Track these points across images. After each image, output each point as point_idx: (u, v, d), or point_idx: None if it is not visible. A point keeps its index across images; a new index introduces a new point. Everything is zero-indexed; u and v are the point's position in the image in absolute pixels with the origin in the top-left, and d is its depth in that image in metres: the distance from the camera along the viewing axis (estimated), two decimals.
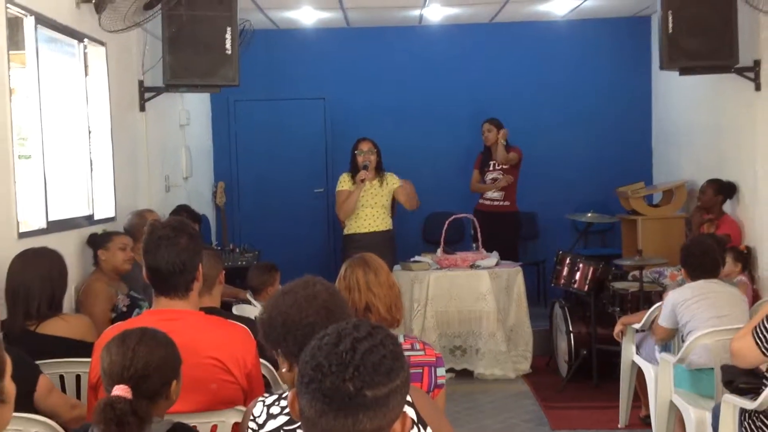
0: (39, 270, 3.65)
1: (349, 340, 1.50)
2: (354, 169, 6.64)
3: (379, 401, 1.46)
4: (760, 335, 3.24)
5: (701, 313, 4.27)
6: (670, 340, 4.68)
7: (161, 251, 2.74)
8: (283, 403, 2.11)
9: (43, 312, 3.62)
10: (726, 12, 5.92)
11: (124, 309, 4.49)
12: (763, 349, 3.22)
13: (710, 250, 4.50)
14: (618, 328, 5.16)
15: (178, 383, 2.37)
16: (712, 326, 4.18)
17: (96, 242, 4.76)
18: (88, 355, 2.95)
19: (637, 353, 5.03)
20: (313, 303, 2.16)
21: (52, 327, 3.61)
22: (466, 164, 8.29)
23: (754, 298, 5.66)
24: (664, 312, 4.47)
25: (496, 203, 7.71)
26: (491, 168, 7.77)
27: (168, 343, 2.37)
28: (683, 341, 4.35)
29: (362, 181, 6.50)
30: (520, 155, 7.69)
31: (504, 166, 7.68)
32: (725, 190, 6.52)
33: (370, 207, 6.60)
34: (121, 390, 2.21)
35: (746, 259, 5.95)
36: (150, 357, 2.29)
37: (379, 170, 6.65)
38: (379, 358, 1.48)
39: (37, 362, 3.17)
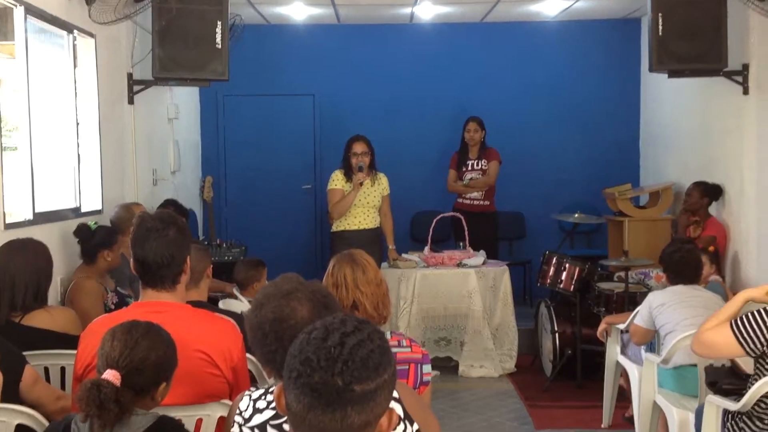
0: (25, 261, 3.63)
1: (337, 334, 1.50)
2: (347, 168, 6.61)
3: (367, 396, 1.47)
4: (744, 333, 3.20)
5: (678, 316, 4.30)
6: (648, 342, 4.70)
7: (150, 243, 2.74)
8: (270, 397, 2.11)
9: (29, 304, 3.60)
10: (716, 16, 5.95)
11: (112, 307, 4.47)
12: (747, 349, 3.20)
13: (691, 257, 4.53)
14: (602, 327, 5.18)
15: (167, 387, 2.38)
16: (689, 325, 4.20)
17: (104, 243, 4.63)
18: (73, 348, 2.94)
19: (622, 353, 5.06)
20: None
21: (37, 319, 3.60)
22: None
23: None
24: (641, 311, 4.51)
25: (476, 203, 7.70)
26: (469, 168, 7.74)
27: (170, 345, 2.39)
28: (662, 342, 4.39)
29: (360, 184, 6.48)
30: (498, 161, 7.66)
31: (483, 167, 7.67)
32: (711, 192, 6.55)
33: (361, 206, 6.58)
34: (111, 375, 2.23)
35: (718, 260, 6.00)
36: (149, 353, 2.31)
37: (372, 169, 6.64)
38: (367, 353, 1.48)
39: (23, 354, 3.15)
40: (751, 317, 3.22)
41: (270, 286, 2.24)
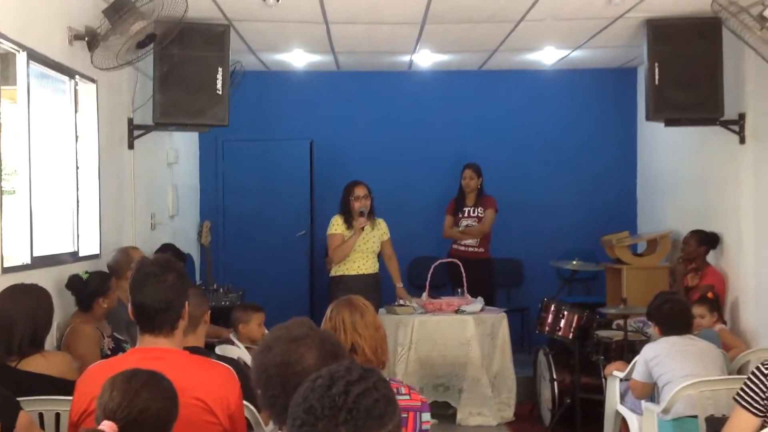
0: (24, 306, 3.60)
1: (342, 383, 1.48)
2: (347, 213, 6.62)
3: None
4: (747, 398, 3.08)
5: (675, 366, 4.28)
6: (648, 395, 4.66)
7: (148, 288, 2.72)
8: None
9: (25, 349, 3.57)
10: (712, 65, 6.02)
11: (109, 352, 4.43)
12: (753, 410, 3.05)
13: (681, 307, 4.53)
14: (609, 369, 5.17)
15: None
16: (686, 375, 4.17)
17: (98, 291, 4.59)
18: (68, 393, 2.91)
19: (621, 402, 5.01)
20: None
21: (33, 364, 3.56)
22: None
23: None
24: (637, 367, 4.50)
25: (470, 249, 7.69)
26: (465, 214, 7.76)
27: (171, 396, 2.35)
28: (660, 393, 4.36)
29: (362, 229, 6.50)
30: (494, 209, 7.69)
31: (479, 215, 7.69)
32: (708, 240, 6.55)
33: (361, 252, 6.60)
34: (108, 427, 2.19)
35: (719, 306, 5.96)
36: (148, 404, 2.27)
37: (371, 215, 6.65)
38: (371, 402, 1.46)
39: (17, 399, 3.11)
40: (749, 381, 3.09)
41: (280, 329, 2.21)
